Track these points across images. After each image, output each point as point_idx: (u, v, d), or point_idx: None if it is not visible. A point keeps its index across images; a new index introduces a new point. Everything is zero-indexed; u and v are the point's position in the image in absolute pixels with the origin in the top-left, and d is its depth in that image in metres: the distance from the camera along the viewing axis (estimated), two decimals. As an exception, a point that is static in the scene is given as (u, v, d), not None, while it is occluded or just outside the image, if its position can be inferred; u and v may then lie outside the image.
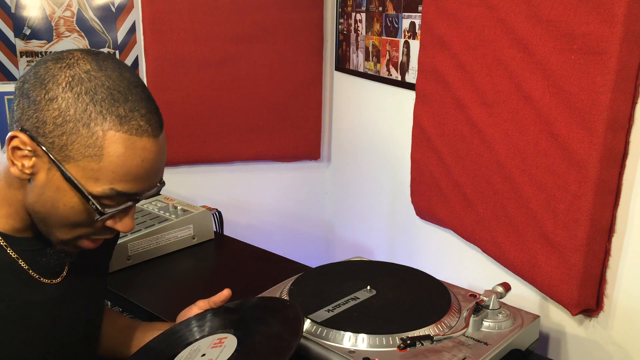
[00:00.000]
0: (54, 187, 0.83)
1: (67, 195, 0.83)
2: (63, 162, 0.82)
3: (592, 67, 1.04)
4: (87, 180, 0.82)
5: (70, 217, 0.85)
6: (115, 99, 0.82)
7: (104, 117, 0.81)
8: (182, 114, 1.98)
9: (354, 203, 2.06)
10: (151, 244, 1.60)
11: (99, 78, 0.82)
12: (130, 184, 0.84)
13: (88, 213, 0.85)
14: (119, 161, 0.82)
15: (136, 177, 0.84)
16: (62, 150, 0.81)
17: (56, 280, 0.95)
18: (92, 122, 0.80)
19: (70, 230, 0.87)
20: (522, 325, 1.11)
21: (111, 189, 0.83)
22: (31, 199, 0.85)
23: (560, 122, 1.12)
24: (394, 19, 1.69)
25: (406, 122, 1.64)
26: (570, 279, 1.14)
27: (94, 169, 0.82)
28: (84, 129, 0.80)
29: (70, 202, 0.84)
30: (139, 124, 0.83)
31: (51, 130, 0.81)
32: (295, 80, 2.06)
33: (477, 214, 1.39)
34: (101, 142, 0.81)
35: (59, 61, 0.83)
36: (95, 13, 1.89)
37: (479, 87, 1.33)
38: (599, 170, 1.06)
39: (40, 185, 0.84)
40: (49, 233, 0.88)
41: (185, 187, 2.06)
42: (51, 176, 0.83)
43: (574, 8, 1.06)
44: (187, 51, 1.94)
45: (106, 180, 0.83)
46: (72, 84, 0.81)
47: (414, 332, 1.04)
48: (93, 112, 0.80)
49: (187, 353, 1.01)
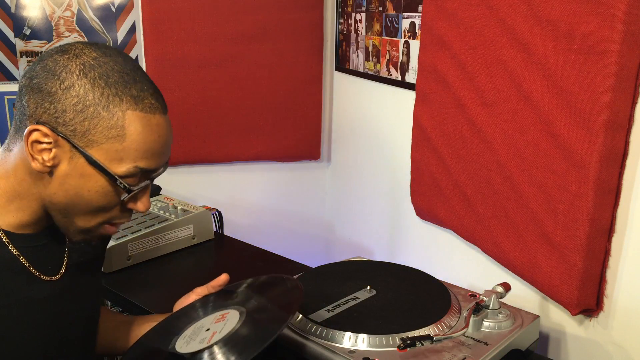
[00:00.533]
0: (78, 175, 0.86)
1: (92, 180, 0.86)
2: (86, 148, 0.84)
3: (592, 67, 1.04)
4: (111, 161, 0.85)
5: (95, 202, 0.88)
6: (126, 80, 0.86)
7: (121, 98, 0.85)
8: (182, 114, 1.98)
9: (354, 203, 2.06)
10: (151, 244, 1.60)
11: (107, 63, 0.86)
12: (150, 160, 0.88)
13: (113, 195, 0.88)
14: (140, 138, 0.86)
15: (154, 153, 0.88)
16: (84, 136, 0.84)
17: (55, 278, 0.95)
18: (110, 104, 0.84)
19: (93, 216, 0.90)
20: (522, 325, 1.11)
21: (135, 167, 0.87)
22: (51, 191, 0.87)
23: (560, 122, 1.12)
24: (394, 19, 1.69)
25: (406, 122, 1.64)
26: (570, 279, 1.14)
27: (118, 149, 0.85)
28: (105, 112, 0.84)
29: (95, 187, 0.86)
30: (151, 102, 0.88)
31: (72, 117, 0.83)
32: (295, 80, 2.06)
33: (477, 214, 1.39)
34: (122, 122, 0.85)
35: (65, 53, 0.85)
36: (95, 13, 1.89)
37: (479, 87, 1.33)
38: (599, 170, 1.06)
39: (62, 175, 0.86)
40: (68, 224, 0.90)
41: (185, 187, 2.06)
42: (74, 164, 0.85)
43: (574, 8, 1.06)
44: (187, 51, 1.94)
45: (130, 159, 0.86)
46: (84, 71, 0.84)
47: (414, 332, 1.04)
48: (110, 94, 0.84)
49: (191, 331, 1.03)
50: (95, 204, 0.88)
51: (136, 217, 1.67)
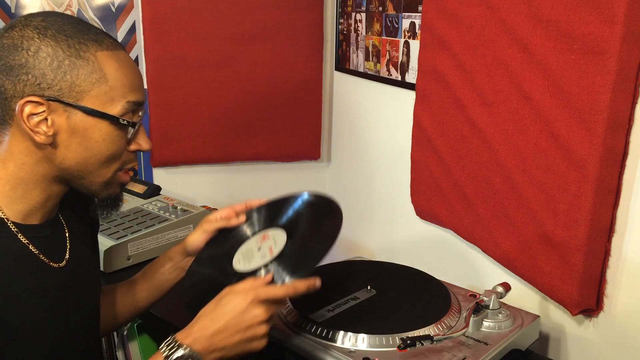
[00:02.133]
0: (81, 130, 0.88)
1: (95, 131, 0.88)
2: (78, 101, 0.87)
3: (592, 67, 1.04)
4: (105, 105, 0.88)
5: (105, 151, 0.90)
6: (80, 29, 0.88)
7: (86, 44, 0.87)
8: (182, 114, 1.98)
9: (354, 203, 2.06)
10: (151, 244, 1.60)
11: (56, 21, 0.88)
12: (136, 92, 0.92)
13: (119, 138, 0.91)
14: (120, 74, 0.89)
15: (136, 85, 0.92)
16: (72, 90, 0.86)
17: (61, 264, 0.97)
18: (80, 51, 0.86)
19: (107, 167, 0.92)
20: (522, 325, 1.12)
21: (127, 102, 0.90)
22: (59, 159, 0.89)
23: (560, 122, 1.12)
24: (394, 19, 1.69)
25: (406, 122, 1.64)
26: (570, 279, 1.14)
27: (106, 91, 0.88)
28: (80, 60, 0.86)
29: (100, 135, 0.89)
30: (110, 41, 0.91)
31: (53, 77, 0.85)
32: (295, 80, 2.06)
33: (477, 214, 1.39)
34: (98, 65, 0.87)
35: (13, 27, 0.87)
36: (95, 13, 1.89)
37: (479, 87, 1.33)
38: (599, 170, 1.06)
39: (66, 139, 0.88)
40: (88, 184, 0.93)
41: (185, 187, 2.06)
42: (73, 122, 0.87)
43: (574, 8, 1.06)
44: (187, 51, 1.93)
45: (120, 96, 0.89)
46: (42, 32, 0.85)
47: (414, 332, 1.04)
48: (75, 43, 0.86)
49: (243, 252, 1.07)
50: (105, 152, 0.90)
51: (136, 218, 1.67)
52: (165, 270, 1.16)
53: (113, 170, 0.93)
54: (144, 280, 1.18)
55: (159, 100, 1.94)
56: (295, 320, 1.12)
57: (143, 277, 1.19)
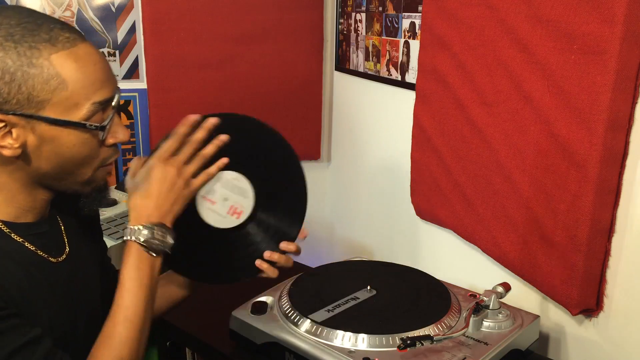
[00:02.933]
0: (49, 139, 0.84)
1: (63, 138, 0.85)
2: (39, 112, 0.82)
3: (592, 67, 1.04)
4: (69, 111, 0.83)
5: (78, 155, 0.87)
6: (30, 29, 0.81)
7: (37, 48, 0.80)
8: (182, 114, 1.97)
9: (354, 203, 2.06)
10: (151, 244, 1.59)
11: (2, 23, 0.81)
12: (101, 90, 0.86)
13: (91, 140, 0.87)
14: (80, 75, 0.83)
15: (101, 82, 0.86)
16: (30, 101, 0.81)
17: (61, 259, 0.96)
18: (32, 59, 0.80)
19: (86, 167, 0.90)
20: (522, 325, 1.12)
21: (92, 104, 0.85)
22: (33, 167, 0.86)
23: (560, 122, 1.12)
24: (394, 19, 1.69)
25: (406, 122, 1.64)
26: (570, 279, 1.14)
27: (67, 96, 0.82)
28: (32, 69, 0.80)
29: (70, 141, 0.85)
30: (65, 36, 0.83)
31: (8, 91, 0.80)
32: (295, 80, 2.06)
33: (477, 214, 1.39)
34: (54, 70, 0.81)
35: None
36: (95, 13, 1.89)
37: (479, 87, 1.33)
38: (599, 170, 1.06)
39: (35, 149, 0.84)
40: (70, 184, 0.91)
41: (185, 187, 2.06)
42: (39, 133, 0.83)
43: (574, 8, 1.06)
44: (187, 51, 1.93)
45: (84, 99, 0.84)
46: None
47: (414, 332, 1.04)
48: (25, 50, 0.80)
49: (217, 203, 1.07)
50: (80, 156, 0.88)
51: (136, 217, 1.66)
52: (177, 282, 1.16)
53: (93, 168, 0.91)
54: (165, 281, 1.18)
55: (159, 100, 1.94)
56: (295, 320, 1.12)
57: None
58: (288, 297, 1.19)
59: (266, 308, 1.19)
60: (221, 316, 1.23)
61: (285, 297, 1.19)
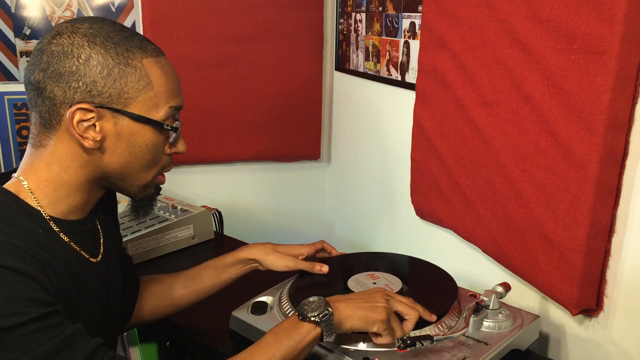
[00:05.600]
0: (127, 136, 0.91)
1: (139, 136, 0.92)
2: (125, 107, 0.90)
3: (592, 67, 1.04)
4: (150, 111, 0.92)
5: (147, 156, 0.94)
6: (125, 36, 0.91)
7: (132, 51, 0.90)
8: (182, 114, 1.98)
9: (354, 203, 2.06)
10: (151, 244, 1.60)
11: (102, 28, 0.90)
12: (176, 97, 0.96)
13: (161, 144, 0.96)
14: (163, 80, 0.93)
15: (177, 90, 0.97)
16: (120, 97, 0.89)
17: (97, 259, 1.00)
18: (128, 59, 0.89)
19: (148, 171, 0.97)
20: (522, 325, 1.12)
21: (170, 107, 0.94)
22: (104, 163, 0.92)
23: (560, 122, 1.12)
24: (394, 19, 1.69)
25: (406, 122, 1.64)
26: (570, 279, 1.14)
27: (151, 97, 0.92)
28: (128, 68, 0.89)
29: (144, 141, 0.93)
30: (152, 47, 0.94)
31: (103, 85, 0.88)
32: (295, 80, 2.06)
33: (477, 214, 1.39)
34: (145, 72, 0.91)
35: (61, 34, 0.88)
36: (95, 13, 1.89)
37: (479, 87, 1.33)
38: (599, 170, 1.06)
39: (112, 144, 0.91)
40: (128, 186, 0.97)
41: (185, 187, 2.06)
42: (120, 128, 0.90)
43: (574, 8, 1.06)
44: (187, 51, 1.93)
45: (163, 102, 0.93)
46: (91, 40, 0.88)
47: (414, 332, 1.04)
48: (123, 51, 0.89)
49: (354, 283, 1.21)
50: (148, 157, 0.94)
51: (136, 217, 1.67)
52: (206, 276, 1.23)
53: (153, 174, 0.98)
54: (184, 279, 1.23)
55: (159, 100, 1.94)
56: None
57: (183, 276, 1.24)
58: (288, 297, 1.19)
59: (266, 308, 1.19)
60: (221, 316, 1.23)
61: (285, 297, 1.19)
